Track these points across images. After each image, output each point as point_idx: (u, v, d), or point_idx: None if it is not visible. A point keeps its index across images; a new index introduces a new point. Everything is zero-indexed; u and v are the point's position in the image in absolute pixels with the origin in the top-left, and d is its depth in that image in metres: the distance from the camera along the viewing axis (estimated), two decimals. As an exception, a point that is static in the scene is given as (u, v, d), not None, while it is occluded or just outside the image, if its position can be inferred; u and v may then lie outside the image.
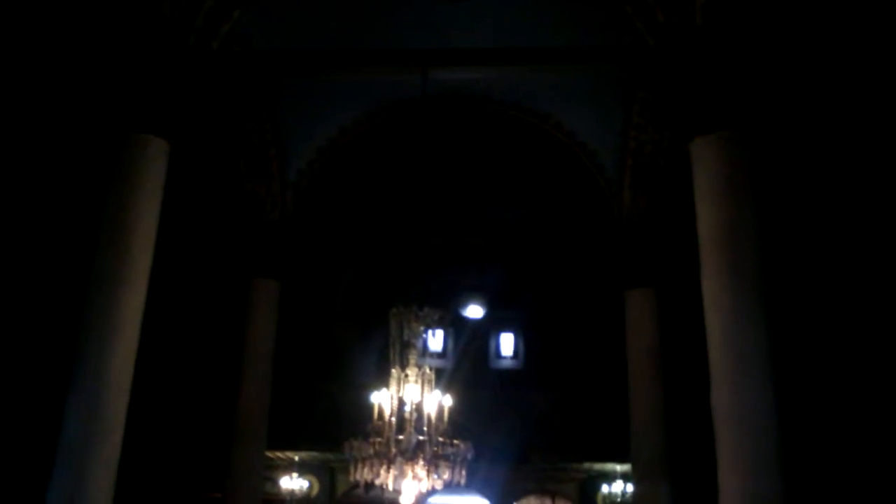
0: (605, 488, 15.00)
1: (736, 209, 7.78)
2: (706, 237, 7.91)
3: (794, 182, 11.55)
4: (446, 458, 6.98)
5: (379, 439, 6.92)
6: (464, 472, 7.11)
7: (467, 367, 16.84)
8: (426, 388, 7.27)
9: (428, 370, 7.37)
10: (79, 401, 7.20)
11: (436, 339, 17.00)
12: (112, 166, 8.06)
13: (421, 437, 6.88)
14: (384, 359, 7.80)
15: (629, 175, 12.28)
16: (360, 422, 7.39)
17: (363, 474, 6.97)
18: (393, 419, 7.05)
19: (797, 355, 11.59)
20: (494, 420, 14.52)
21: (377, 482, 7.00)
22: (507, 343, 17.57)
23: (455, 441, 7.07)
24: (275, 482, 14.96)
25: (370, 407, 7.34)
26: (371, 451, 6.87)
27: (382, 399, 7.16)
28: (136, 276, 7.74)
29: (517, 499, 15.96)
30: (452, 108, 12.39)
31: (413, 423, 7.00)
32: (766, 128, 8.76)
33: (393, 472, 6.80)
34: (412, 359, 7.41)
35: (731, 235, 7.68)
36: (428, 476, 6.90)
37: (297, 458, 15.02)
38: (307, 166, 12.68)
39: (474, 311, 17.32)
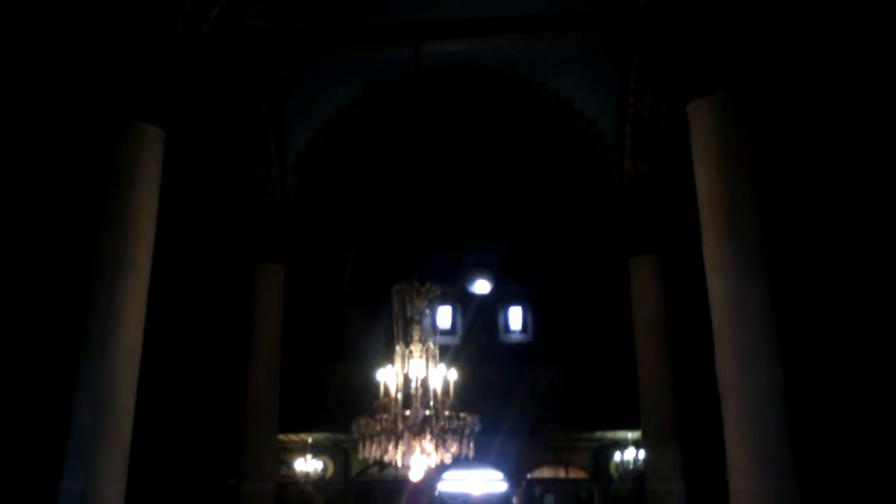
0: (617, 456, 15.06)
1: (734, 170, 7.72)
2: (705, 200, 7.87)
3: (792, 142, 11.46)
4: (454, 431, 6.98)
5: (385, 416, 6.93)
6: (472, 445, 7.11)
7: (476, 342, 16.88)
8: (431, 364, 7.27)
9: (432, 346, 7.36)
10: (86, 391, 7.26)
11: (444, 316, 17.05)
12: (109, 155, 8.06)
13: (427, 412, 6.89)
14: (391, 337, 7.78)
15: (629, 141, 12.20)
16: (371, 401, 7.40)
17: (372, 452, 6.98)
18: (399, 396, 7.05)
19: (802, 316, 11.58)
20: (506, 394, 14.56)
21: (386, 459, 7.02)
22: (515, 317, 17.59)
23: (462, 414, 7.07)
24: (289, 465, 15.08)
25: (378, 385, 7.36)
26: (378, 427, 6.89)
27: (387, 376, 7.17)
28: (139, 265, 7.76)
29: (531, 470, 16.05)
30: (448, 82, 12.31)
31: (419, 399, 7.00)
32: (763, 87, 8.66)
33: (401, 447, 6.82)
34: (416, 335, 7.40)
35: (731, 197, 7.64)
36: (436, 450, 6.91)
37: (310, 440, 15.11)
38: (306, 148, 12.65)
39: (481, 287, 17.32)
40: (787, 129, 11.22)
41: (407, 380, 7.19)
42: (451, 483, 15.86)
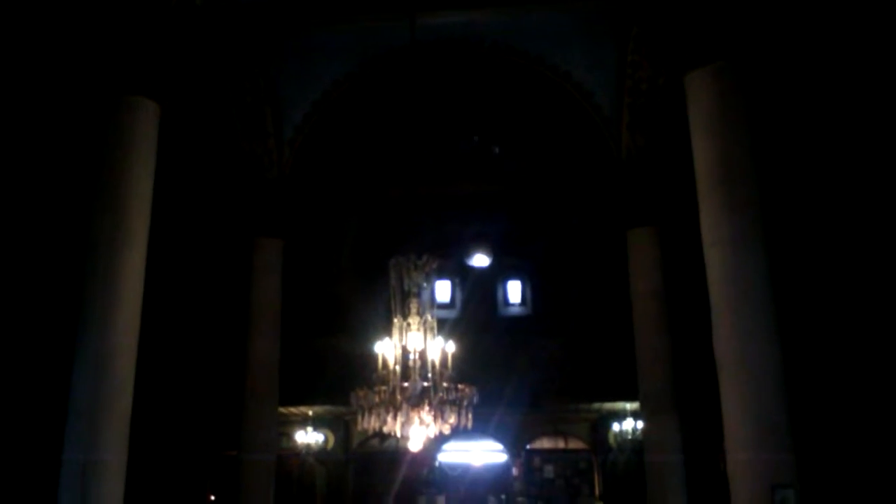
0: (615, 427, 15.18)
1: (732, 141, 7.72)
2: (703, 171, 7.87)
3: (791, 113, 11.42)
4: (452, 402, 7.03)
5: (384, 388, 6.97)
6: (470, 416, 7.16)
7: (476, 316, 16.94)
8: (429, 336, 7.30)
9: (430, 318, 7.39)
10: (86, 363, 7.32)
11: (443, 290, 17.10)
12: (104, 130, 8.04)
13: (426, 384, 6.93)
14: (391, 310, 7.81)
15: (627, 114, 12.15)
16: (371, 374, 7.45)
17: (370, 423, 7.04)
18: (397, 368, 7.09)
19: (799, 287, 11.62)
20: (505, 367, 14.64)
21: (385, 430, 7.08)
22: (514, 290, 17.63)
23: (460, 386, 7.11)
24: (290, 437, 15.21)
25: (377, 358, 7.40)
26: (376, 399, 6.93)
27: (385, 349, 7.20)
28: (136, 238, 7.79)
29: (531, 441, 16.19)
30: (445, 55, 12.21)
31: (417, 371, 7.04)
32: (761, 58, 8.61)
33: (399, 418, 6.87)
34: (413, 308, 7.42)
35: (729, 168, 7.64)
36: (435, 421, 6.96)
37: (310, 413, 15.23)
38: (303, 121, 12.58)
39: (480, 261, 17.34)
40: (786, 100, 11.18)
41: (405, 352, 7.22)
42: (451, 454, 16.00)
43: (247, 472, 11.65)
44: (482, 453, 16.23)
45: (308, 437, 15.24)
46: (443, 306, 16.88)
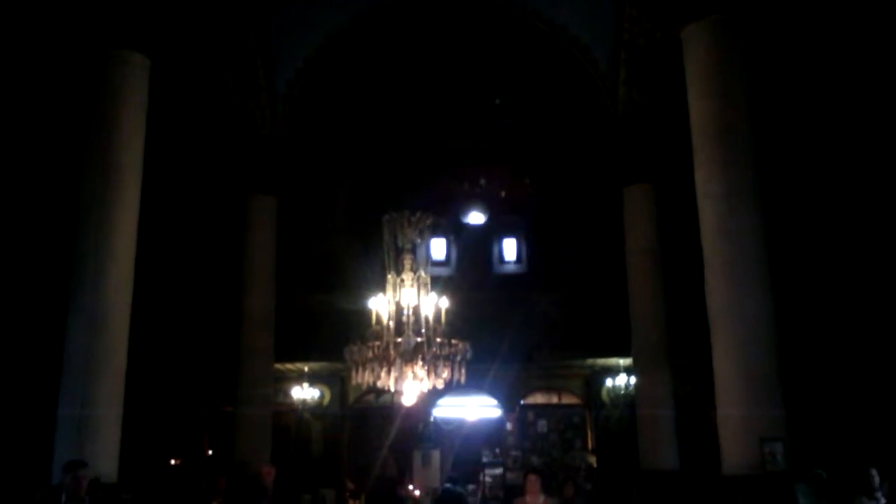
0: (609, 382, 15.28)
1: (728, 96, 7.71)
2: (698, 126, 7.85)
3: (787, 69, 11.33)
4: (445, 358, 7.09)
5: (377, 343, 7.03)
6: (463, 371, 7.24)
7: (471, 273, 16.94)
8: (422, 292, 7.33)
9: (423, 274, 7.41)
10: (79, 320, 7.35)
11: (438, 248, 17.09)
12: (94, 84, 7.96)
13: (419, 339, 6.98)
14: (385, 266, 7.81)
15: (623, 69, 12.04)
16: (365, 330, 7.48)
17: (364, 377, 7.11)
18: (391, 323, 7.13)
19: (793, 242, 11.66)
20: (500, 324, 14.69)
21: (379, 384, 7.15)
22: (509, 248, 17.61)
23: (453, 341, 7.17)
24: (286, 393, 15.31)
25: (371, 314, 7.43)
26: (370, 354, 6.99)
27: (379, 304, 7.24)
28: (127, 194, 7.77)
29: (525, 396, 16.32)
30: (439, 9, 12.07)
31: (411, 326, 7.08)
32: (758, 13, 8.50)
33: (393, 373, 6.94)
34: (407, 264, 7.45)
35: (723, 123, 7.63)
36: (428, 376, 7.03)
37: (306, 369, 15.31)
38: (296, 77, 12.44)
39: (476, 218, 17.30)
40: (783, 55, 11.07)
41: (399, 308, 7.25)
42: (445, 409, 16.15)
43: (243, 428, 11.78)
44: (477, 408, 16.37)
45: (304, 392, 15.35)
46: (438, 264, 16.87)
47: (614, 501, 10.94)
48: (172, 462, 14.67)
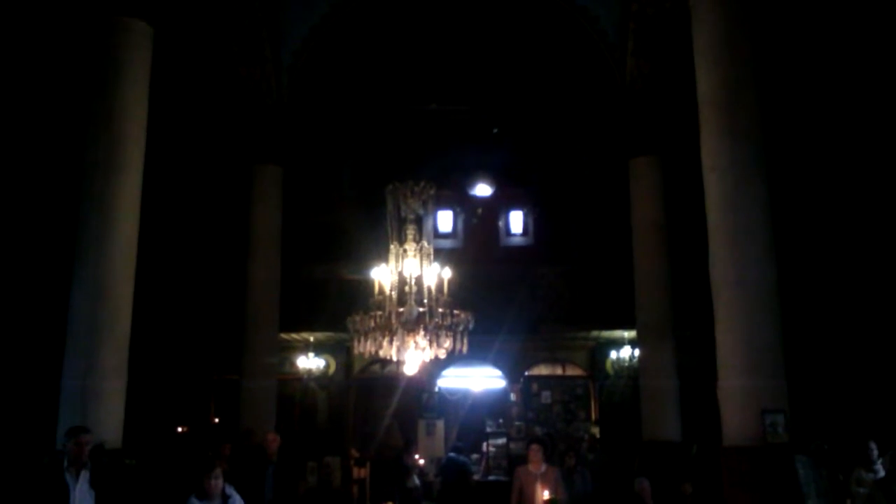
0: (613, 354, 15.32)
1: (735, 67, 7.63)
2: (705, 97, 7.78)
3: (796, 41, 11.19)
4: (448, 328, 7.11)
5: (380, 313, 7.05)
6: (465, 341, 7.25)
7: (478, 245, 16.98)
8: (425, 262, 7.33)
9: (426, 244, 7.41)
10: (83, 290, 7.39)
11: (445, 220, 17.09)
12: (96, 53, 7.93)
13: (421, 309, 6.99)
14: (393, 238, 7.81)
15: (632, 40, 11.91)
16: (369, 300, 7.50)
17: (366, 347, 7.14)
18: (393, 293, 7.14)
19: (798, 215, 11.61)
20: (505, 295, 14.73)
21: (381, 353, 7.18)
22: (516, 220, 17.58)
23: (456, 311, 7.18)
24: (292, 362, 15.41)
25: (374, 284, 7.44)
26: (372, 324, 7.02)
27: (382, 275, 7.24)
28: (130, 162, 7.78)
29: (529, 368, 16.37)
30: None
31: (413, 296, 7.09)
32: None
33: (395, 343, 6.97)
34: (410, 234, 7.44)
35: (730, 94, 7.56)
36: (430, 345, 7.05)
37: (312, 339, 15.38)
38: (301, 47, 12.37)
39: (483, 190, 17.26)
40: (792, 25, 10.94)
41: (402, 278, 7.26)
42: (450, 380, 16.24)
43: (248, 396, 11.88)
44: (481, 379, 16.45)
45: (309, 362, 15.45)
46: (445, 236, 16.91)
47: (616, 471, 10.99)
48: (179, 429, 14.82)
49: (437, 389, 16.06)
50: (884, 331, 11.80)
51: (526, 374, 16.43)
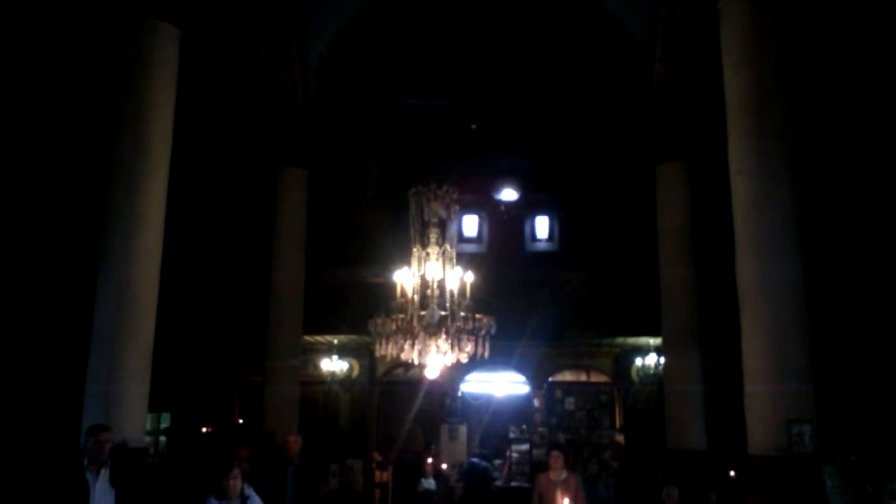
0: (638, 361, 15.20)
1: (763, 70, 7.55)
2: (733, 99, 7.70)
3: (825, 43, 11.03)
4: (469, 332, 7.06)
5: (402, 316, 7.02)
6: (487, 346, 7.20)
7: (502, 250, 16.92)
8: (448, 266, 7.30)
9: (449, 248, 7.37)
10: (109, 283, 7.45)
11: (470, 224, 17.07)
12: (124, 56, 8.01)
13: (443, 313, 6.96)
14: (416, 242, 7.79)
15: (660, 45, 11.80)
16: (392, 303, 7.49)
17: (388, 350, 7.12)
18: (416, 297, 7.11)
19: (828, 218, 11.43)
20: (530, 301, 14.67)
21: (402, 356, 7.15)
22: (541, 225, 17.50)
23: (477, 315, 7.13)
24: (316, 365, 15.46)
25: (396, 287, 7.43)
26: (394, 326, 6.99)
27: (404, 277, 7.22)
28: (157, 164, 7.84)
29: (553, 374, 16.30)
30: (472, -19, 11.93)
31: (435, 300, 7.06)
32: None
33: (417, 346, 6.94)
34: (432, 237, 7.41)
35: (759, 97, 7.48)
36: (451, 349, 7.01)
37: (335, 342, 15.43)
38: (328, 50, 12.42)
39: (508, 195, 17.21)
40: (820, 28, 10.78)
41: (424, 281, 7.23)
42: (473, 384, 16.20)
43: (271, 397, 11.92)
44: (504, 384, 16.41)
45: (333, 364, 15.49)
46: (469, 240, 16.88)
47: (640, 480, 10.89)
48: (203, 430, 14.92)
49: (460, 394, 16.03)
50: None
51: (550, 379, 16.35)
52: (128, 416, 7.35)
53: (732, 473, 10.10)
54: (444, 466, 13.35)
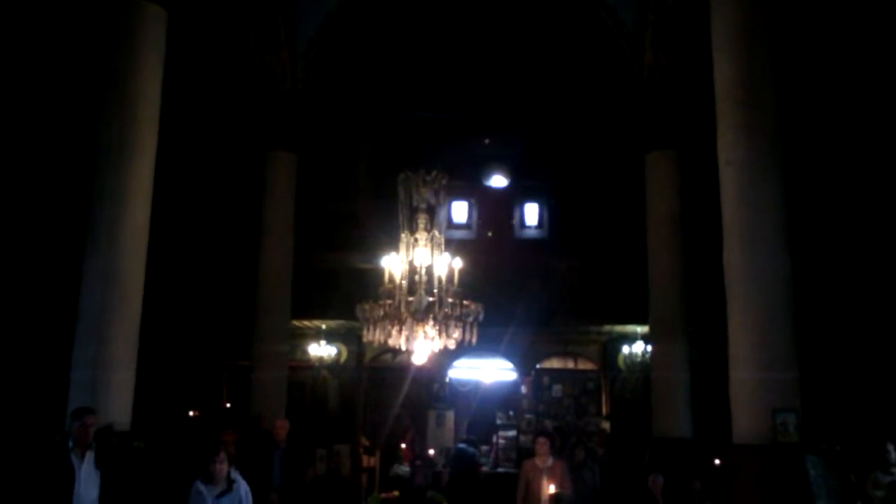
0: (625, 349, 15.26)
1: (754, 60, 7.54)
2: (723, 90, 7.70)
3: (814, 33, 11.04)
4: (457, 318, 7.07)
5: (389, 301, 7.02)
6: (475, 332, 7.21)
7: (492, 237, 16.92)
8: (436, 252, 7.30)
9: (437, 234, 7.37)
10: (94, 268, 7.41)
11: (460, 211, 17.05)
12: (110, 37, 7.92)
13: (431, 299, 6.96)
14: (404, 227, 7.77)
15: (650, 32, 11.78)
16: (380, 289, 7.47)
17: (375, 335, 7.12)
18: (404, 282, 7.11)
19: (815, 208, 11.48)
20: (519, 288, 14.70)
21: (390, 342, 7.15)
22: (531, 212, 17.50)
23: (465, 302, 7.14)
24: (304, 350, 15.45)
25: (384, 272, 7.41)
26: (381, 312, 7.00)
27: (392, 263, 7.21)
28: (144, 146, 7.77)
29: (540, 361, 16.33)
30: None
31: (423, 286, 7.06)
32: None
33: (404, 332, 6.94)
34: (421, 223, 7.40)
35: (748, 87, 7.48)
36: (439, 335, 7.02)
37: (324, 327, 15.41)
38: (317, 34, 12.34)
39: (498, 181, 17.18)
40: (811, 19, 10.78)
41: (412, 267, 7.23)
42: (461, 371, 16.23)
43: (258, 382, 11.91)
44: (492, 371, 16.44)
45: (321, 349, 15.49)
46: (459, 226, 16.86)
47: (626, 467, 10.95)
48: (190, 414, 14.90)
49: (447, 380, 16.06)
50: None
51: (537, 366, 16.39)
52: (114, 400, 7.32)
53: (717, 461, 10.14)
54: (431, 452, 13.38)
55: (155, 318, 8.49)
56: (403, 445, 12.47)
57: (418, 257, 7.26)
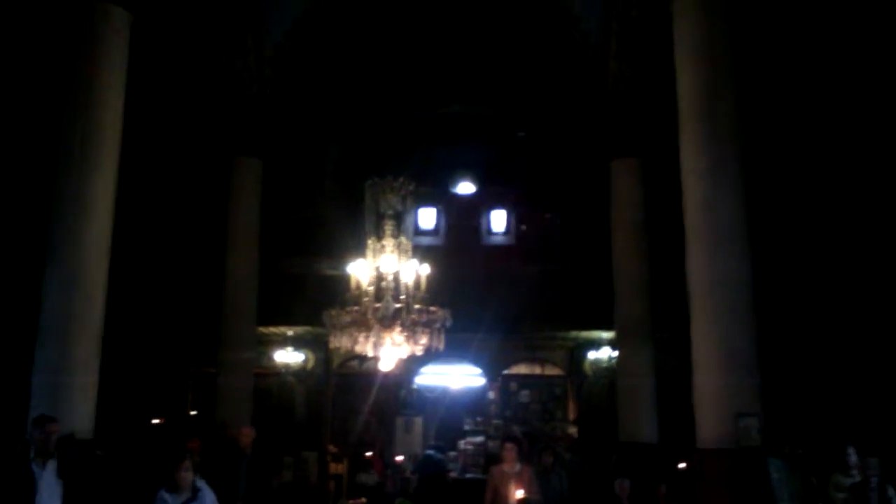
0: (591, 354, 15.36)
1: (714, 71, 7.67)
2: (685, 100, 7.82)
3: (775, 44, 11.26)
4: (424, 324, 7.09)
5: (356, 308, 7.02)
6: (442, 338, 7.25)
7: (459, 243, 16.91)
8: (403, 258, 7.31)
9: (404, 240, 7.38)
10: (57, 273, 7.29)
11: (427, 217, 17.04)
12: (73, 39, 7.82)
13: (397, 305, 6.97)
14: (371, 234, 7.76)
15: (615, 42, 11.92)
16: (346, 295, 7.44)
17: (342, 342, 7.12)
18: (370, 289, 7.11)
19: (776, 215, 11.68)
20: (486, 294, 14.69)
21: (357, 349, 7.15)
22: (498, 219, 17.54)
23: (432, 308, 7.16)
24: (270, 356, 15.32)
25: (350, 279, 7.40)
26: (348, 319, 6.99)
27: (359, 269, 7.21)
28: (107, 151, 7.69)
29: (508, 366, 16.36)
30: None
31: (390, 292, 7.06)
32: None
33: (371, 338, 6.94)
34: (388, 229, 7.42)
35: (710, 98, 7.61)
36: (406, 342, 7.04)
37: (290, 333, 15.28)
38: (284, 38, 12.29)
39: (465, 188, 17.22)
40: (772, 31, 11.00)
41: (379, 273, 7.23)
42: (429, 377, 16.21)
43: (224, 389, 11.80)
44: (460, 377, 16.43)
45: (288, 356, 15.36)
46: (426, 233, 16.83)
47: (593, 471, 11.02)
48: (154, 421, 14.69)
49: (415, 386, 16.03)
50: (861, 334, 11.89)
51: (505, 372, 16.43)
52: (76, 407, 7.21)
53: (683, 465, 10.25)
54: (400, 458, 13.34)
55: (119, 325, 8.39)
56: (369, 454, 12.42)
57: (385, 263, 7.27)
